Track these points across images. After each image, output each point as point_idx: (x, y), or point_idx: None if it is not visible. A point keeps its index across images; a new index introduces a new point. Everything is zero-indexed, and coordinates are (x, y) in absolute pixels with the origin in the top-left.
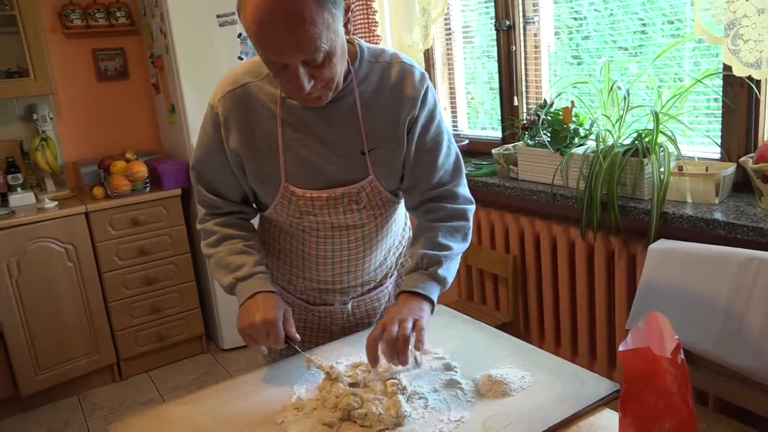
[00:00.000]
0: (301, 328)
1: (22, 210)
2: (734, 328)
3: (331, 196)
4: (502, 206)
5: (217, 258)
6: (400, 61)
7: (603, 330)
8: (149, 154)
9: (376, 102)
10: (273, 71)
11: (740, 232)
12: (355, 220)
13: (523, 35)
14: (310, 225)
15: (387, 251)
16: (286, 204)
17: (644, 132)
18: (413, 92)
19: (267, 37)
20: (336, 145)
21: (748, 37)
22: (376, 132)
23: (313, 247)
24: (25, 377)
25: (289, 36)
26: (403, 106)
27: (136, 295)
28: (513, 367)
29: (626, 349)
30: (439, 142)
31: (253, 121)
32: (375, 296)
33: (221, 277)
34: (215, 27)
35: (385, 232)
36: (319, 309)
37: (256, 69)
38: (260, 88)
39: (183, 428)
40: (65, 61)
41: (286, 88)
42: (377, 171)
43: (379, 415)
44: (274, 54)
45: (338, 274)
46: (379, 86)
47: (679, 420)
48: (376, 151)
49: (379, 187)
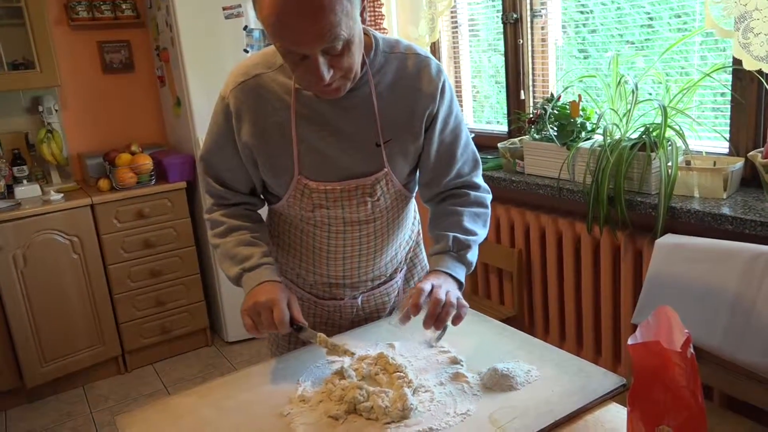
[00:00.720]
0: (309, 323)
1: (28, 202)
2: (741, 323)
3: (345, 188)
4: (508, 200)
5: (224, 249)
6: (416, 53)
7: (608, 325)
8: (154, 146)
9: (392, 94)
10: (291, 63)
11: (748, 227)
12: (368, 214)
13: (530, 28)
14: (321, 219)
15: (398, 246)
16: (298, 197)
17: (652, 126)
18: (431, 86)
19: (286, 27)
20: (351, 137)
21: (759, 30)
22: (392, 124)
23: (324, 242)
24: (31, 369)
25: (309, 25)
26: (420, 100)
27: (140, 288)
28: (519, 361)
29: (635, 342)
30: (458, 134)
31: (265, 113)
32: (385, 290)
33: (228, 267)
34: (221, 19)
35: (397, 226)
36: (329, 303)
37: (269, 60)
38: (273, 79)
39: (189, 420)
40: (71, 53)
41: (304, 80)
42: (392, 163)
43: (385, 408)
44: (293, 44)
45: (349, 269)
46: (395, 78)
47: (689, 414)
48: (391, 143)
49: (393, 179)
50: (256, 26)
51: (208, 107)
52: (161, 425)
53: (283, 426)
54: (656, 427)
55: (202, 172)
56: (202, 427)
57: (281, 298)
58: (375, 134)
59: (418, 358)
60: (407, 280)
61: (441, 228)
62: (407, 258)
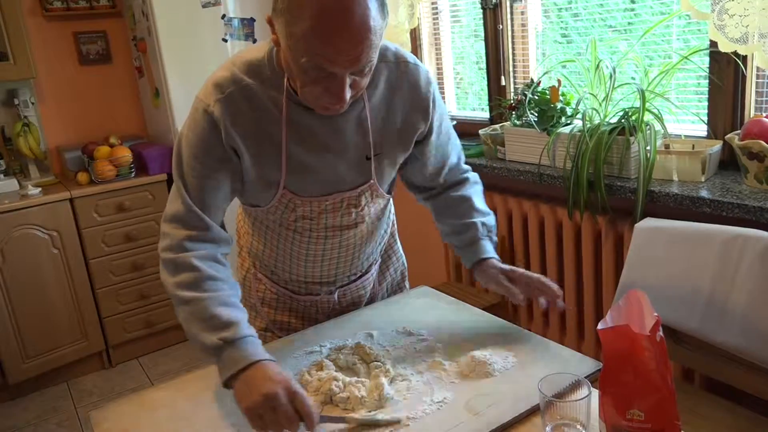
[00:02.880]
0: (286, 316)
1: (5, 197)
2: (720, 305)
3: (331, 202)
4: (490, 187)
5: (195, 307)
6: (405, 61)
7: (590, 309)
8: (134, 138)
9: (384, 107)
10: (309, 79)
11: (726, 210)
12: (350, 221)
13: (510, 13)
14: (303, 227)
15: (375, 244)
16: (281, 208)
17: (631, 110)
18: (423, 101)
19: (327, 44)
20: (341, 152)
21: (734, 11)
22: (384, 137)
23: (303, 247)
24: (13, 365)
25: (352, 47)
26: (413, 115)
27: (123, 282)
28: (496, 348)
29: (605, 327)
30: (449, 133)
31: (254, 126)
32: (361, 284)
33: (199, 332)
34: (198, 8)
35: (376, 228)
36: (305, 298)
37: (256, 70)
38: (263, 91)
39: (164, 413)
40: (46, 44)
41: (318, 97)
42: (379, 174)
43: (361, 398)
44: (328, 62)
45: (326, 269)
46: (388, 91)
47: (659, 397)
48: (380, 156)
49: (378, 189)
50: (234, 15)
51: (187, 97)
52: (136, 419)
53: None
54: (627, 411)
55: (180, 194)
56: (177, 420)
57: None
58: (366, 148)
59: (396, 347)
60: (382, 272)
61: (459, 216)
62: (381, 251)
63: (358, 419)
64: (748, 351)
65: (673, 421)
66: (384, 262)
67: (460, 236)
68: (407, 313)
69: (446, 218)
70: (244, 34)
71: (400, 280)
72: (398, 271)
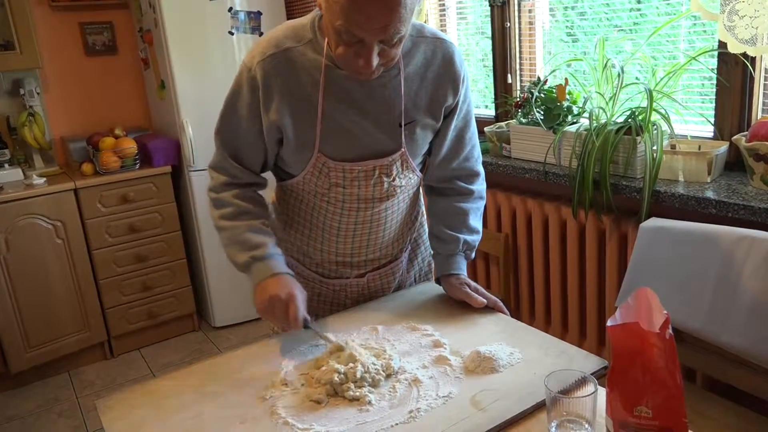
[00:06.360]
0: (314, 302)
1: (10, 186)
2: (724, 306)
3: (363, 168)
4: (494, 185)
5: (233, 233)
6: (441, 38)
7: (593, 308)
8: (139, 130)
9: (419, 78)
10: (342, 43)
11: (731, 211)
12: (382, 193)
13: (518, 11)
14: (336, 197)
15: (405, 226)
16: (316, 174)
17: (638, 110)
18: (456, 75)
19: (359, 11)
20: (375, 117)
21: (744, 13)
22: (416, 107)
23: (336, 219)
24: (15, 354)
25: (382, 15)
26: (445, 88)
27: (126, 273)
28: (502, 344)
29: (615, 324)
30: (470, 118)
31: (293, 87)
32: (390, 270)
33: (235, 253)
34: (205, 1)
35: (406, 206)
36: (334, 282)
37: (298, 34)
38: (302, 53)
39: (170, 403)
40: (52, 35)
41: (349, 62)
42: (409, 144)
43: (361, 376)
44: (358, 28)
45: (357, 246)
46: (422, 63)
47: (667, 395)
48: (412, 124)
49: (408, 160)
50: (241, 8)
51: (192, 90)
52: (142, 408)
53: (265, 409)
54: (635, 408)
55: (219, 146)
56: (184, 410)
57: (297, 295)
58: (399, 115)
59: (402, 341)
60: (411, 260)
61: (450, 227)
62: (411, 239)
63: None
64: (752, 352)
65: (681, 418)
66: (413, 250)
67: (442, 245)
68: (413, 309)
69: (438, 222)
70: (251, 27)
71: (428, 270)
72: (425, 261)
